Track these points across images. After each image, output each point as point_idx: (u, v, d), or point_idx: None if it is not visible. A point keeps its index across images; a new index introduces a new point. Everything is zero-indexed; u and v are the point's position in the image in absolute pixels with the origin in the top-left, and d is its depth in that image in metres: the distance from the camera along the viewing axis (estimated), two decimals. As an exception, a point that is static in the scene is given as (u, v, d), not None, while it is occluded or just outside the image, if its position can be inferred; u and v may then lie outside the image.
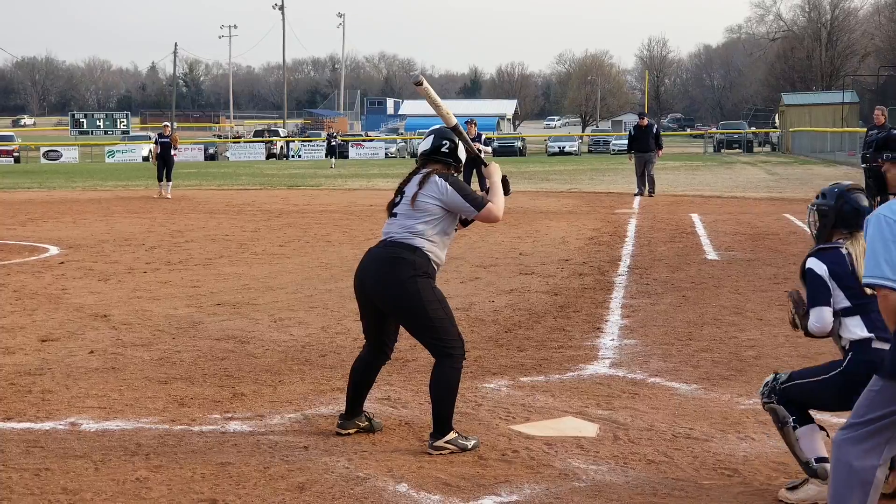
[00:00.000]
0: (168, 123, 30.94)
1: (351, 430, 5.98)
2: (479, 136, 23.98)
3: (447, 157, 5.91)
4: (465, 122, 22.33)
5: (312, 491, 5.08)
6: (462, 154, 5.96)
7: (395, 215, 5.81)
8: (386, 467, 5.42)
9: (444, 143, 5.92)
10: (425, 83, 5.87)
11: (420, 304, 5.60)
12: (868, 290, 4.14)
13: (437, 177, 5.77)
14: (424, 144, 5.97)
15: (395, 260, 5.65)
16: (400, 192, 5.87)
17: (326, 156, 52.60)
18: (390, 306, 5.71)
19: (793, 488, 4.90)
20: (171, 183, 28.00)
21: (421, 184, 5.76)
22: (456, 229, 5.95)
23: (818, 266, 4.86)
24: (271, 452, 5.68)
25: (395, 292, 5.63)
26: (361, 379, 6.00)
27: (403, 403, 6.68)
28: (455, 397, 5.69)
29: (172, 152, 27.82)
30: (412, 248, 5.66)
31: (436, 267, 5.76)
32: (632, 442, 5.84)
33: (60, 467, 5.45)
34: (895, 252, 3.93)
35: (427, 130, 6.13)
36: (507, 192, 5.97)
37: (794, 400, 4.83)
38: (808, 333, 4.94)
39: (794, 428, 4.82)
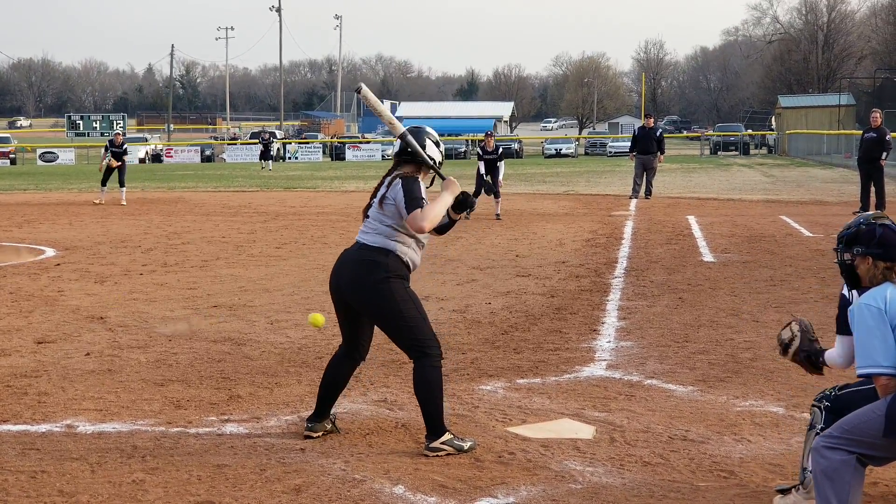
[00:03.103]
0: (119, 132, 28.90)
1: (321, 433, 5.98)
2: (497, 148, 22.05)
3: (413, 157, 5.87)
4: (486, 134, 21.96)
5: (309, 493, 5.08)
6: (435, 153, 5.91)
7: (368, 217, 5.84)
8: (382, 469, 5.42)
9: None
10: (364, 89, 5.91)
11: (394, 304, 5.63)
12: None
13: (399, 178, 5.77)
14: (395, 145, 5.99)
15: (367, 263, 5.68)
16: (374, 194, 5.89)
17: (260, 160, 51.75)
18: (364, 308, 5.74)
19: (782, 492, 4.91)
20: (124, 188, 26.13)
21: (389, 185, 5.79)
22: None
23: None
24: (268, 454, 5.68)
25: (368, 294, 5.66)
26: (334, 378, 5.99)
27: (400, 405, 6.67)
28: (440, 396, 5.69)
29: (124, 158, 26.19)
30: (385, 251, 5.69)
31: (409, 269, 5.78)
32: (628, 444, 5.85)
33: (57, 469, 5.44)
34: (880, 338, 4.19)
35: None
36: (462, 209, 5.89)
37: (842, 411, 4.71)
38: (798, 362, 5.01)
39: (817, 434, 4.80)
